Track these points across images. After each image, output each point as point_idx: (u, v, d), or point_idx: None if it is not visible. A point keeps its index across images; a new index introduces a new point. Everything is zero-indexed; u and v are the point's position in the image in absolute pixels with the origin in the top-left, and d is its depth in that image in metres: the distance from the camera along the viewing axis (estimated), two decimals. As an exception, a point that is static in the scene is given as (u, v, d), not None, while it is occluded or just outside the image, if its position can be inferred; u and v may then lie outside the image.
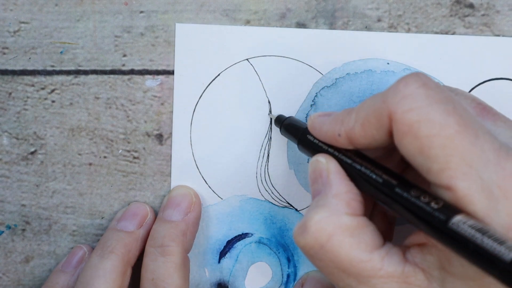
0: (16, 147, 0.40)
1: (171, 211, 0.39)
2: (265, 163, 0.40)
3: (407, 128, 0.27)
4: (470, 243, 0.24)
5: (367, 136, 0.29)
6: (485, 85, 0.39)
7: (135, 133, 0.40)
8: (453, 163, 0.26)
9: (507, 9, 0.38)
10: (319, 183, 0.31)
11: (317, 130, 0.32)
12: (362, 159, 0.30)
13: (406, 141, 0.27)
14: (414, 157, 0.27)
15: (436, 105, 0.27)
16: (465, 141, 0.26)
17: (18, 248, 0.41)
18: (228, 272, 0.41)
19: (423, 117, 0.27)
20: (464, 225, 0.25)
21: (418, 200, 0.27)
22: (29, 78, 0.39)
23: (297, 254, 0.41)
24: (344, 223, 0.29)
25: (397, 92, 0.28)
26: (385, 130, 0.28)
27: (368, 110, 0.29)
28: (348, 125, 0.30)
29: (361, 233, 0.29)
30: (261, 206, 0.40)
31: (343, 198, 0.29)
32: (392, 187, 0.28)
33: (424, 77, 0.28)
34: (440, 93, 0.28)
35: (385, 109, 0.28)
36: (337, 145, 0.31)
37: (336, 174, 0.31)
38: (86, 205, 0.41)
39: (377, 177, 0.29)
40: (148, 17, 0.39)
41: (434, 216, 0.26)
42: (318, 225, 0.29)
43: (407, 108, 0.27)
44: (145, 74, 0.39)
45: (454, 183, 0.26)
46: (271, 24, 0.39)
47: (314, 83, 0.39)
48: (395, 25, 0.39)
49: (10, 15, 0.39)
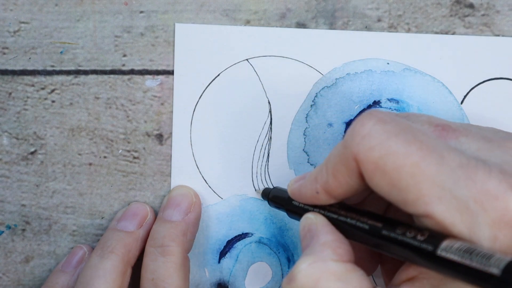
0: (16, 147, 0.40)
1: (171, 211, 0.39)
2: (265, 163, 0.40)
3: (373, 165, 0.27)
4: (460, 266, 0.25)
5: (342, 185, 0.30)
6: (485, 85, 0.39)
7: (135, 133, 0.40)
8: (424, 189, 0.26)
9: (507, 9, 0.38)
10: (308, 238, 0.31)
11: (297, 195, 0.33)
12: (346, 211, 0.31)
13: (376, 178, 0.28)
14: (388, 192, 0.27)
15: (395, 137, 0.27)
16: (431, 164, 0.26)
17: (18, 248, 0.41)
18: (228, 272, 0.41)
19: (385, 152, 0.27)
20: (452, 249, 0.25)
21: (404, 236, 0.27)
22: (29, 78, 0.39)
23: (297, 254, 0.41)
24: (330, 269, 0.28)
25: (355, 134, 0.28)
26: (356, 174, 0.29)
27: (334, 160, 0.30)
28: (322, 180, 0.31)
29: (348, 278, 0.28)
30: (261, 206, 0.40)
31: (329, 245, 0.30)
32: (378, 230, 0.29)
33: (379, 113, 0.29)
34: (397, 125, 0.28)
35: (349, 154, 0.28)
36: (319, 202, 0.32)
37: (324, 226, 0.31)
38: (86, 205, 0.41)
39: (363, 224, 0.30)
40: (148, 17, 0.39)
41: (422, 248, 0.26)
42: (305, 272, 0.29)
43: (368, 147, 0.28)
44: (145, 74, 0.39)
45: (431, 209, 0.26)
46: (271, 24, 0.39)
47: (314, 83, 0.39)
48: (395, 25, 0.39)
49: (10, 15, 0.39)
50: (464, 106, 0.39)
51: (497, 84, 0.39)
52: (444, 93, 0.39)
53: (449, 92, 0.39)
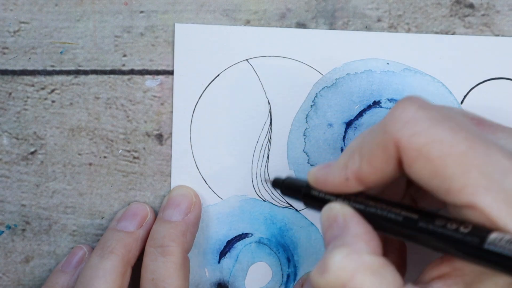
0: (16, 147, 0.40)
1: (171, 211, 0.39)
2: (265, 163, 0.40)
3: (417, 152, 0.27)
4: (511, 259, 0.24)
5: (377, 172, 0.29)
6: (485, 85, 0.39)
7: (135, 133, 0.40)
8: (472, 178, 0.25)
9: (507, 9, 0.38)
10: (335, 228, 0.30)
11: (321, 183, 0.31)
12: (375, 201, 0.30)
13: (418, 165, 0.27)
14: (429, 181, 0.27)
15: (441, 125, 0.27)
16: (479, 154, 0.26)
17: (18, 248, 0.41)
18: (228, 272, 0.41)
19: (430, 139, 0.26)
20: (501, 242, 0.24)
21: (445, 229, 0.26)
22: (29, 78, 0.39)
23: (297, 254, 0.41)
24: (366, 262, 0.27)
25: (397, 119, 0.27)
26: (393, 160, 0.28)
27: (371, 145, 0.29)
28: (354, 166, 0.29)
29: (383, 273, 0.27)
30: (261, 206, 0.40)
31: (362, 238, 0.28)
32: (414, 222, 0.28)
33: (419, 100, 0.28)
34: (440, 112, 0.27)
35: (390, 139, 0.27)
36: (347, 190, 0.30)
37: (353, 217, 0.30)
38: (86, 205, 0.41)
39: (396, 216, 0.28)
40: (148, 17, 0.39)
41: (466, 241, 0.25)
42: (340, 263, 0.27)
43: (412, 133, 0.27)
44: (145, 74, 0.39)
45: (477, 200, 0.25)
46: (271, 24, 0.39)
47: (314, 83, 0.39)
48: (395, 25, 0.39)
49: (10, 15, 0.39)
50: (464, 106, 0.39)
51: (497, 84, 0.39)
52: (444, 93, 0.39)
53: (449, 92, 0.39)
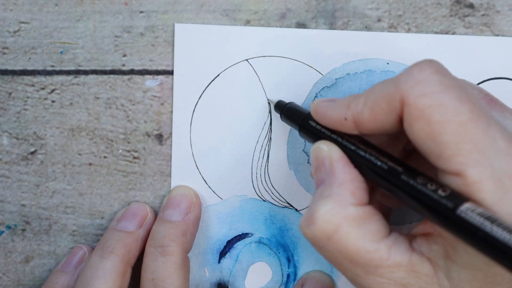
0: (16, 147, 0.40)
1: (171, 211, 0.39)
2: (265, 163, 0.40)
3: (420, 113, 0.27)
4: (479, 231, 0.24)
5: (376, 121, 0.29)
6: (485, 85, 0.39)
7: (135, 133, 0.40)
8: (465, 149, 0.26)
9: (507, 9, 0.38)
10: (322, 171, 0.31)
11: (321, 115, 0.32)
12: (366, 146, 0.30)
13: (417, 126, 0.27)
14: (425, 143, 0.27)
15: (450, 92, 0.27)
16: (477, 128, 0.26)
17: (18, 248, 0.41)
18: (228, 272, 0.41)
19: (436, 103, 0.27)
20: (473, 213, 0.24)
21: (425, 187, 0.27)
22: (29, 78, 0.39)
23: (297, 254, 0.41)
24: (351, 214, 0.29)
25: (411, 77, 0.28)
26: (395, 115, 0.28)
27: (378, 94, 0.29)
28: (356, 109, 0.30)
29: (367, 223, 0.29)
30: (261, 206, 0.40)
31: (348, 187, 0.29)
32: (397, 174, 0.28)
33: (438, 64, 0.28)
34: (453, 81, 0.28)
35: (398, 94, 0.28)
36: (342, 129, 0.31)
37: (339, 161, 0.30)
38: (86, 205, 0.41)
39: (382, 164, 0.29)
40: (148, 17, 0.39)
41: (441, 204, 0.25)
42: (325, 217, 0.28)
43: (421, 93, 0.27)
44: (145, 74, 0.39)
45: (465, 169, 0.26)
46: (271, 24, 0.39)
47: (314, 83, 0.39)
48: (395, 25, 0.39)
49: (10, 15, 0.39)
50: (464, 106, 0.39)
51: (497, 84, 0.39)
52: (444, 93, 0.39)
53: (449, 92, 0.39)
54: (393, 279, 0.28)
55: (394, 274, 0.28)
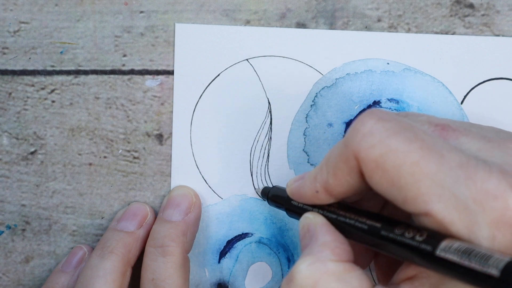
0: (16, 147, 0.40)
1: (171, 211, 0.39)
2: (265, 163, 0.40)
3: (374, 164, 0.27)
4: (459, 266, 0.25)
5: (342, 184, 0.30)
6: (485, 85, 0.39)
7: (135, 133, 0.40)
8: (424, 187, 0.26)
9: (507, 9, 0.38)
10: (307, 237, 0.31)
11: (296, 195, 0.33)
12: (345, 211, 0.31)
13: (376, 176, 0.28)
14: (388, 191, 0.28)
15: (396, 136, 0.27)
16: (431, 163, 0.26)
17: (18, 248, 0.41)
18: (228, 272, 0.41)
19: (385, 150, 0.27)
20: (450, 249, 0.25)
21: (403, 237, 0.27)
22: (29, 78, 0.39)
23: (297, 254, 0.41)
24: (330, 269, 0.28)
25: (356, 132, 0.28)
26: (356, 172, 0.29)
27: (335, 159, 0.30)
28: (322, 179, 0.31)
29: (347, 278, 0.28)
30: (261, 206, 0.40)
31: (328, 246, 0.29)
32: (377, 230, 0.29)
33: (379, 112, 0.29)
34: (398, 124, 0.28)
35: (350, 152, 0.28)
36: (319, 202, 0.32)
37: (322, 226, 0.31)
38: (86, 205, 0.41)
39: (361, 224, 0.30)
40: (148, 17, 0.39)
41: (421, 249, 0.26)
42: (304, 272, 0.28)
43: (369, 145, 0.28)
44: (145, 74, 0.39)
45: (430, 208, 0.26)
46: (271, 24, 0.39)
47: (314, 83, 0.39)
48: (395, 25, 0.39)
49: (10, 15, 0.39)
50: (464, 106, 0.39)
51: (497, 84, 0.39)
52: (444, 93, 0.39)
53: (449, 92, 0.39)
54: None
55: None
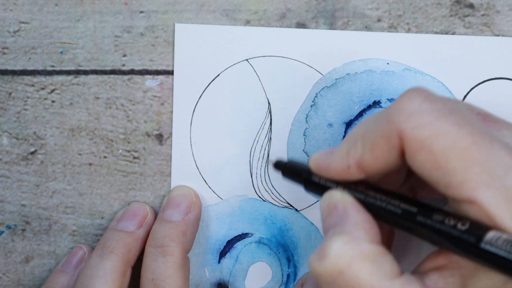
0: (16, 147, 0.40)
1: (171, 211, 0.39)
2: (265, 163, 0.40)
3: (420, 144, 0.26)
4: (507, 261, 0.24)
5: (379, 161, 0.29)
6: (485, 85, 0.39)
7: (135, 133, 0.40)
8: (473, 173, 0.25)
9: (507, 9, 0.38)
10: (334, 216, 0.30)
11: (324, 169, 0.31)
12: (374, 191, 0.30)
13: (420, 158, 0.27)
14: (430, 174, 0.27)
15: (446, 118, 0.26)
16: (482, 150, 0.26)
17: (18, 248, 0.41)
18: (228, 272, 0.41)
19: (434, 132, 0.26)
20: (497, 242, 0.24)
21: (443, 224, 0.26)
22: (29, 78, 0.39)
23: (297, 254, 0.41)
24: (365, 250, 0.28)
25: (402, 109, 0.27)
26: (396, 151, 0.28)
27: (374, 134, 0.28)
28: (356, 154, 0.29)
29: (380, 261, 0.28)
30: (261, 206, 0.40)
31: (362, 226, 0.29)
32: (413, 216, 0.27)
33: (425, 91, 0.28)
34: (446, 106, 0.27)
35: (393, 129, 0.27)
36: (348, 177, 0.30)
37: (353, 205, 0.30)
38: (86, 205, 0.41)
39: (395, 208, 0.28)
40: (148, 17, 0.39)
41: (463, 240, 0.25)
42: (338, 251, 0.27)
43: (417, 125, 0.27)
44: (145, 74, 0.39)
45: (477, 195, 0.25)
46: (271, 24, 0.39)
47: (314, 83, 0.39)
48: (395, 25, 0.39)
49: (10, 15, 0.39)
50: (464, 106, 0.39)
51: (497, 84, 0.39)
52: (444, 93, 0.39)
53: (449, 92, 0.39)
54: None
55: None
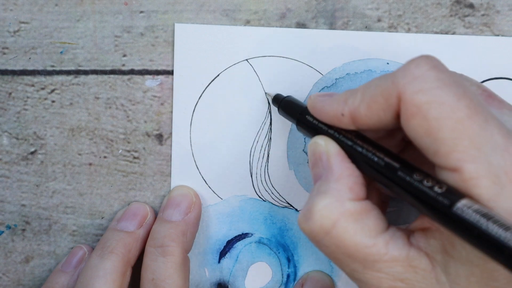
0: (16, 147, 0.40)
1: (171, 211, 0.39)
2: (265, 163, 0.40)
3: (416, 109, 0.27)
4: (475, 228, 0.24)
5: (373, 117, 0.29)
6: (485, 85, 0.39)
7: (135, 133, 0.40)
8: (462, 145, 0.26)
9: (507, 9, 0.38)
10: (319, 166, 0.31)
11: (318, 110, 0.32)
12: (363, 141, 0.30)
13: (414, 122, 0.27)
14: (421, 139, 0.27)
15: (447, 88, 0.27)
16: (475, 124, 0.26)
17: (18, 248, 0.41)
18: (228, 272, 0.41)
19: (433, 99, 0.27)
20: (469, 209, 0.24)
21: (421, 184, 0.27)
22: (29, 78, 0.39)
23: (297, 254, 0.41)
24: (348, 209, 0.29)
25: (408, 73, 0.28)
26: (392, 111, 0.28)
27: (375, 90, 0.29)
28: (353, 104, 0.30)
29: (365, 218, 0.29)
30: (261, 206, 0.40)
31: (345, 182, 0.29)
32: (394, 170, 0.28)
33: (435, 60, 0.28)
34: (451, 77, 0.27)
35: (394, 90, 0.28)
36: (339, 125, 0.31)
37: (337, 156, 0.30)
38: (86, 205, 0.41)
39: (378, 160, 0.29)
40: (148, 17, 0.39)
41: (437, 201, 0.26)
42: (322, 212, 0.29)
43: (417, 89, 0.27)
44: (145, 74, 0.39)
45: (462, 165, 0.26)
46: (271, 24, 0.39)
47: (314, 83, 0.39)
48: (395, 25, 0.39)
49: (10, 15, 0.39)
50: (464, 106, 0.39)
51: (497, 84, 0.39)
52: (444, 93, 0.39)
53: (449, 92, 0.39)
54: (391, 274, 0.28)
55: (391, 269, 0.28)
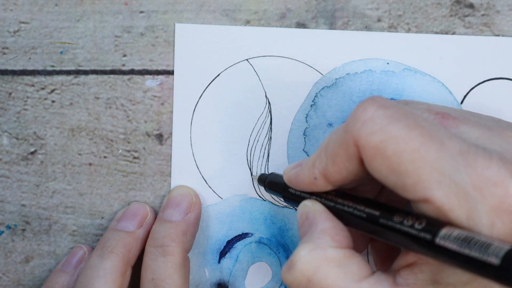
0: (16, 147, 0.40)
1: (171, 211, 0.39)
2: (265, 163, 0.40)
3: (374, 150, 0.27)
4: (459, 255, 0.25)
5: (341, 170, 0.30)
6: (485, 85, 0.39)
7: (135, 133, 0.40)
8: (424, 174, 0.26)
9: (507, 9, 0.38)
10: (306, 225, 0.31)
11: (294, 182, 0.33)
12: (343, 198, 0.31)
13: (376, 163, 0.27)
14: (387, 177, 0.27)
15: (397, 122, 0.27)
16: (431, 150, 0.26)
17: (18, 248, 0.41)
18: (228, 272, 0.41)
19: (386, 136, 0.27)
20: (450, 237, 0.25)
21: (402, 225, 0.27)
22: (29, 78, 0.39)
23: (297, 254, 0.41)
24: (330, 255, 0.29)
25: (357, 119, 0.28)
26: (355, 159, 0.29)
27: (334, 144, 0.29)
28: (320, 165, 0.30)
29: (347, 264, 0.29)
30: (261, 206, 0.40)
31: (328, 233, 0.30)
32: (376, 218, 0.29)
33: (380, 99, 0.29)
34: (398, 111, 0.28)
35: (350, 138, 0.28)
36: (317, 189, 0.32)
37: (322, 213, 0.31)
38: (86, 205, 0.41)
39: (360, 212, 0.30)
40: (148, 17, 0.39)
41: (420, 238, 0.26)
42: (304, 258, 0.29)
43: (369, 132, 0.28)
44: (145, 74, 0.39)
45: (430, 194, 0.26)
46: (271, 24, 0.39)
47: (314, 83, 0.39)
48: (395, 25, 0.39)
49: (10, 15, 0.39)
50: (464, 106, 0.39)
51: (497, 84, 0.39)
52: (444, 93, 0.39)
53: (449, 92, 0.39)
54: None
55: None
